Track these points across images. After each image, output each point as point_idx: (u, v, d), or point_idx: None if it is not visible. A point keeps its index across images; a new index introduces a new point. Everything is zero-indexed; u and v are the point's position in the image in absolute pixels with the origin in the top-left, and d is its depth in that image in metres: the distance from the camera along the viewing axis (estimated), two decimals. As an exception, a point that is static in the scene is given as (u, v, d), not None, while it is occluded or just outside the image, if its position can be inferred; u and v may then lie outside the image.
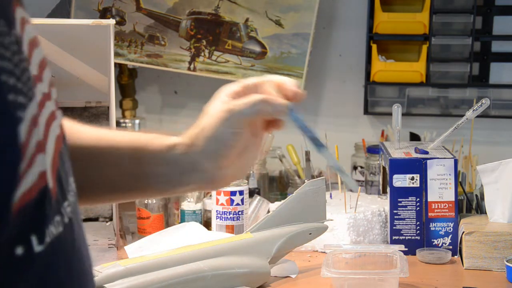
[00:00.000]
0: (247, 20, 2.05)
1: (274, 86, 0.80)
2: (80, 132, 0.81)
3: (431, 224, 1.60)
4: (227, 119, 0.77)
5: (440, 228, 1.60)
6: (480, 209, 1.74)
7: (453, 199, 1.60)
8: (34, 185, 0.48)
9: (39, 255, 0.49)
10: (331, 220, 1.56)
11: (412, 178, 1.60)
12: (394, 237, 1.61)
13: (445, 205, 1.60)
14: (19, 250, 0.47)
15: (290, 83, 0.80)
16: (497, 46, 2.17)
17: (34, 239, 0.48)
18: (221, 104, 0.79)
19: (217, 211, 1.60)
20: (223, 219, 1.60)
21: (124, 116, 2.18)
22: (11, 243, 0.47)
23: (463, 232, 1.53)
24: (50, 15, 2.04)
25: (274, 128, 0.83)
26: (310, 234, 1.47)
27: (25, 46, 0.52)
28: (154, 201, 1.69)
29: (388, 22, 2.08)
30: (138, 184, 0.81)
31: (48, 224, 0.50)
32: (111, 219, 1.74)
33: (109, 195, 0.86)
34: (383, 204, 1.70)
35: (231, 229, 1.59)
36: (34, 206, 0.48)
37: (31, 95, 0.49)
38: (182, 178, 0.80)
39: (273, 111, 0.78)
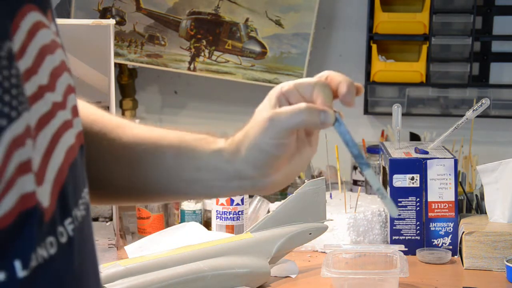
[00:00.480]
0: (247, 20, 2.05)
1: (329, 89, 0.73)
2: (126, 128, 0.78)
3: (431, 224, 1.60)
4: (268, 128, 0.71)
5: (440, 228, 1.60)
6: (480, 209, 1.74)
7: (453, 199, 1.60)
8: (12, 210, 0.46)
9: (23, 281, 0.47)
10: (331, 220, 1.56)
11: (412, 178, 1.60)
12: (394, 237, 1.61)
13: (445, 205, 1.60)
14: (1, 276, 0.45)
15: (346, 87, 0.73)
16: (497, 46, 2.17)
17: (17, 264, 0.46)
18: (267, 108, 0.73)
19: (217, 211, 1.60)
20: (223, 219, 1.60)
21: (124, 116, 2.18)
22: None
23: (463, 232, 1.53)
24: (50, 15, 2.03)
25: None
26: (310, 234, 1.47)
27: (31, 54, 0.50)
28: (154, 201, 1.69)
29: (388, 22, 2.08)
30: (180, 188, 0.78)
31: (35, 247, 0.48)
32: (111, 219, 1.74)
33: (147, 196, 0.82)
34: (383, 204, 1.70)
35: (231, 229, 1.59)
36: (14, 231, 0.46)
37: (14, 115, 0.46)
38: (227, 184, 0.75)
39: (316, 123, 0.71)
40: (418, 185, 1.60)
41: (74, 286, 0.54)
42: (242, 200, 1.60)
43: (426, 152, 1.65)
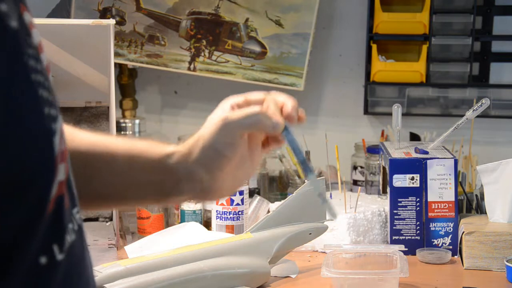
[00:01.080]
0: (247, 20, 2.05)
1: (276, 104, 0.79)
2: (74, 136, 0.79)
3: (431, 224, 1.60)
4: (222, 128, 0.77)
5: (440, 228, 1.60)
6: (480, 209, 1.74)
7: (453, 199, 1.60)
8: (54, 196, 0.48)
9: (60, 263, 0.49)
10: (331, 220, 1.56)
11: (412, 178, 1.60)
12: (394, 237, 1.61)
13: (445, 205, 1.60)
14: (43, 259, 0.48)
15: (291, 105, 0.79)
16: (497, 46, 2.17)
17: (56, 248, 0.49)
18: (220, 113, 0.79)
19: (217, 211, 1.60)
20: (223, 219, 1.60)
21: (124, 116, 2.18)
22: (37, 253, 0.47)
23: (463, 232, 1.53)
24: (50, 15, 2.04)
25: (273, 145, 0.83)
26: (310, 234, 1.47)
27: None
28: (154, 201, 1.69)
29: (388, 22, 2.08)
30: (132, 191, 0.80)
31: (65, 232, 0.51)
32: (111, 219, 1.74)
33: (101, 202, 0.84)
34: (383, 204, 1.70)
35: (231, 229, 1.59)
36: (54, 216, 0.49)
37: (58, 106, 0.49)
38: (177, 187, 0.79)
39: (268, 126, 0.77)
40: (418, 185, 1.60)
41: (87, 273, 0.56)
42: (242, 200, 1.60)
43: (426, 152, 1.65)
